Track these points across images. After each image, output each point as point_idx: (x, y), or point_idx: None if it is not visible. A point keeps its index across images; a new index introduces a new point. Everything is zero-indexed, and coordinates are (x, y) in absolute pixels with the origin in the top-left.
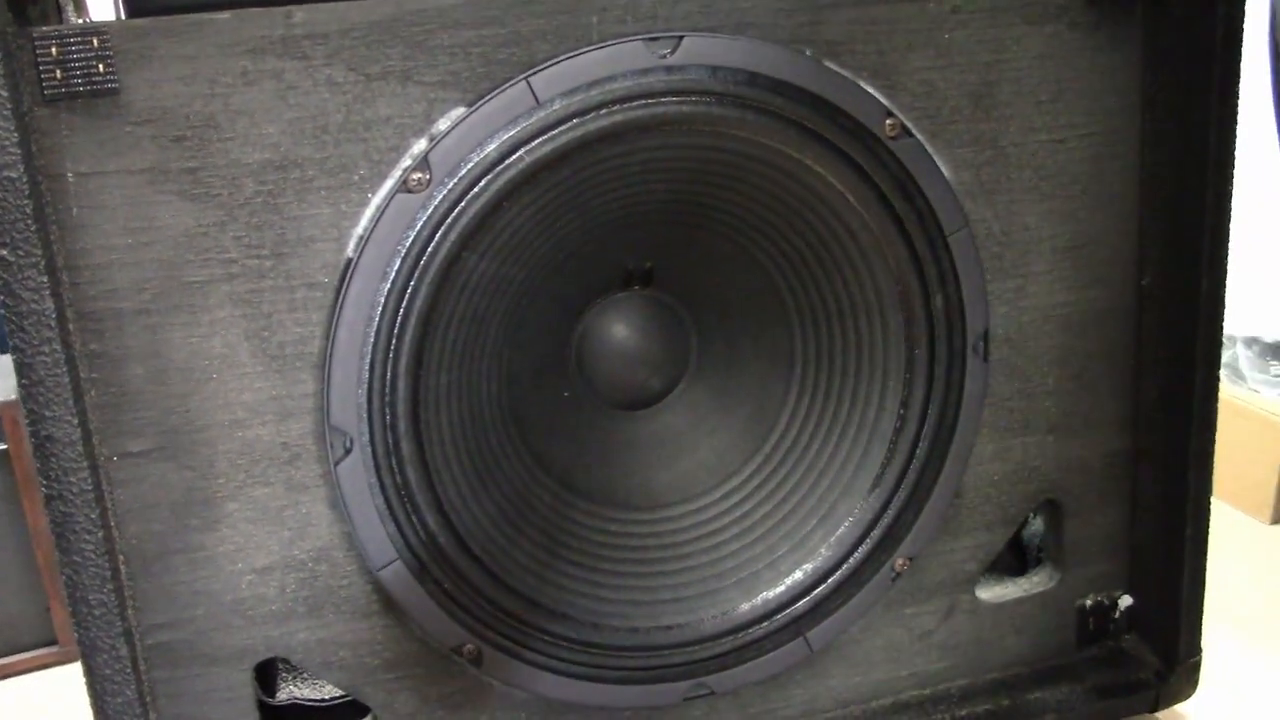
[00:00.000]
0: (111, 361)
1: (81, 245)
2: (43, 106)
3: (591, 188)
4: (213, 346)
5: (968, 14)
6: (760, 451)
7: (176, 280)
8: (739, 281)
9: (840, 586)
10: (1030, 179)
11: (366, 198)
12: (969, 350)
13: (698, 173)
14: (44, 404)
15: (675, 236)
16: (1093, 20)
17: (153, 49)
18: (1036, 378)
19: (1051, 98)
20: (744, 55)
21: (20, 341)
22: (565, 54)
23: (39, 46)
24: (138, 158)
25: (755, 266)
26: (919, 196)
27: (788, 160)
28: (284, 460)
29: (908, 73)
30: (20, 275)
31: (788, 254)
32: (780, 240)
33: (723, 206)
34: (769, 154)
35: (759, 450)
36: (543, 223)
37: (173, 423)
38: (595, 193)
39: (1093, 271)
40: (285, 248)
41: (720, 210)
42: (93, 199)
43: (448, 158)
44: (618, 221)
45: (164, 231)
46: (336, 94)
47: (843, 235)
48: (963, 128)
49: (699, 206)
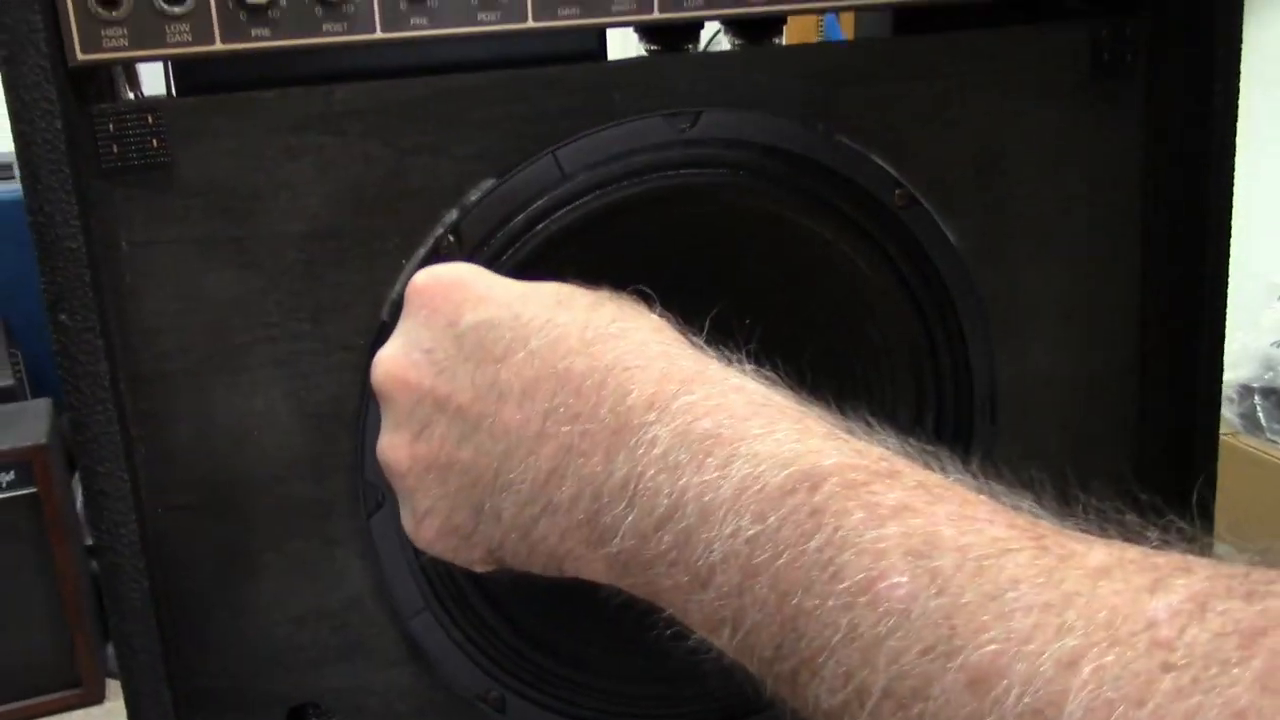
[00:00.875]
0: (159, 420)
1: (134, 310)
2: (99, 179)
3: (614, 253)
4: (254, 406)
5: (973, 90)
6: None
7: (221, 343)
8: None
9: None
10: (1035, 245)
11: (400, 264)
12: (976, 412)
13: (716, 239)
14: (97, 459)
15: (694, 299)
16: (1094, 94)
17: (203, 125)
18: (1041, 438)
19: (1054, 167)
20: (759, 129)
21: (76, 401)
22: (589, 129)
23: (97, 123)
24: (188, 228)
25: (771, 328)
26: (927, 263)
27: (801, 228)
28: (320, 514)
29: (916, 145)
30: (78, 339)
31: (802, 316)
32: (795, 303)
33: (740, 271)
34: (783, 222)
35: None
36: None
37: (216, 478)
38: (618, 258)
39: (1096, 334)
40: (323, 312)
41: (737, 274)
42: (145, 267)
43: (477, 227)
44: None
45: (211, 297)
46: (373, 167)
47: (854, 300)
48: (969, 197)
49: (717, 271)
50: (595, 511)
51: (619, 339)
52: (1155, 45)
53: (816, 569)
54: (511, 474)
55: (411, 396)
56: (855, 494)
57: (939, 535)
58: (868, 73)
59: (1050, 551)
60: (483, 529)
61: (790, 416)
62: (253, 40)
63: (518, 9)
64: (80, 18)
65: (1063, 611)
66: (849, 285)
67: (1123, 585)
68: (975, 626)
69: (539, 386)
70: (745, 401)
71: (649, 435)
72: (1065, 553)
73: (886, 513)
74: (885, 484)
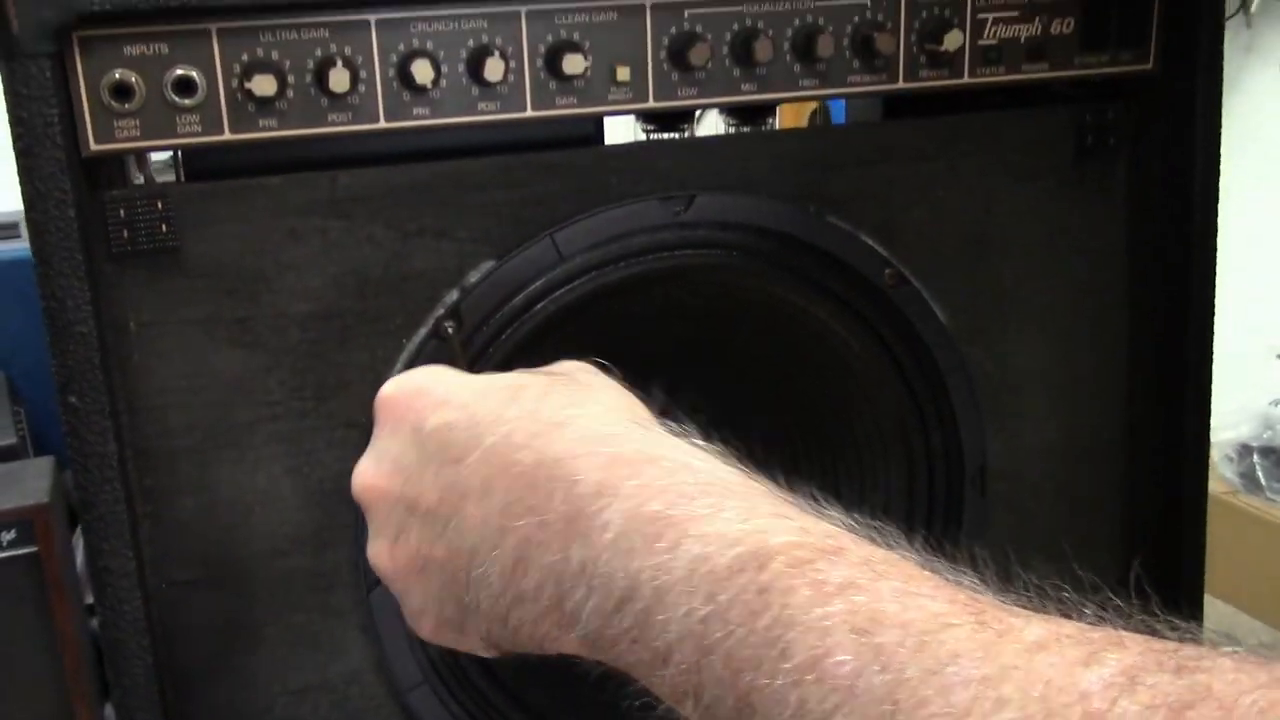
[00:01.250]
0: (164, 496)
1: (141, 389)
2: (109, 263)
3: (611, 331)
4: (257, 482)
5: (962, 172)
6: None
7: (226, 421)
8: (750, 416)
9: None
10: (1022, 322)
11: (402, 344)
12: (967, 485)
13: (710, 317)
14: (103, 537)
15: (689, 375)
16: (1079, 175)
17: (210, 210)
18: (1032, 510)
19: (1041, 247)
20: (752, 212)
21: (84, 480)
22: (586, 212)
23: (109, 209)
24: (194, 309)
25: (765, 403)
26: (917, 341)
27: (794, 307)
28: (321, 588)
29: (906, 226)
30: (87, 421)
31: (795, 392)
32: (788, 379)
33: (734, 348)
34: (776, 301)
35: None
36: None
37: (219, 553)
38: (614, 336)
39: (1084, 408)
40: (326, 390)
41: (732, 351)
42: (152, 346)
43: (477, 307)
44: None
45: (216, 376)
46: (376, 250)
47: (846, 376)
48: (958, 276)
49: (712, 348)
50: (559, 597)
51: (565, 428)
52: (1138, 128)
53: (765, 646)
54: (481, 568)
55: (386, 504)
56: (801, 572)
57: (882, 611)
58: (859, 156)
59: (989, 626)
60: (470, 620)
61: (737, 494)
62: (260, 130)
63: (517, 99)
64: (94, 110)
65: (999, 685)
66: (840, 362)
67: (1058, 659)
68: (916, 701)
69: (495, 483)
70: (693, 481)
71: (600, 521)
72: (1004, 627)
73: (832, 590)
74: (830, 561)
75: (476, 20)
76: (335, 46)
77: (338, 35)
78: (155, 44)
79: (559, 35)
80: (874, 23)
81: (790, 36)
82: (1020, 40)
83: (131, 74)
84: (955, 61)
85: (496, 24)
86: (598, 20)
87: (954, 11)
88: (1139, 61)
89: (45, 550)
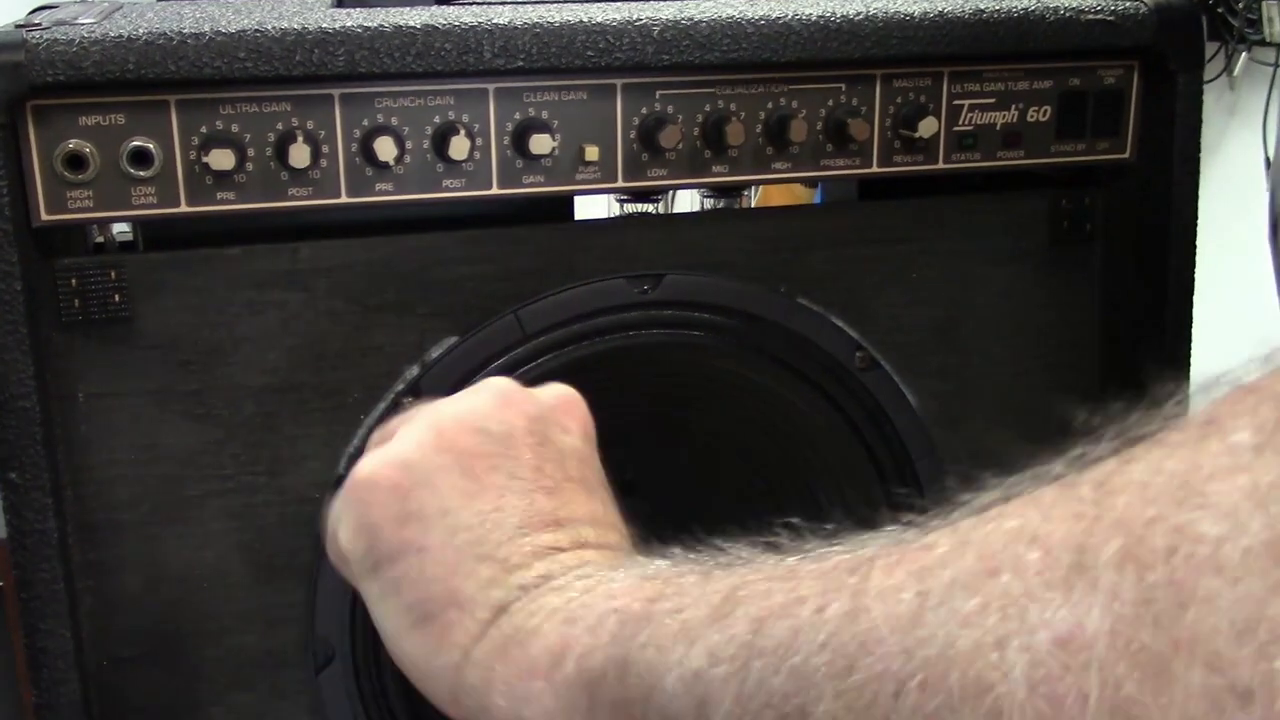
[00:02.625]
0: (108, 570)
1: (87, 461)
2: (59, 332)
3: None
4: (205, 557)
5: (934, 255)
6: None
7: (175, 494)
8: (716, 496)
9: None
10: (994, 407)
11: (359, 419)
12: None
13: (676, 395)
14: (40, 617)
15: (655, 452)
16: (1053, 261)
17: (165, 281)
18: None
19: (1013, 332)
20: (720, 292)
21: (21, 559)
22: (551, 290)
23: (59, 278)
24: (146, 380)
25: (731, 482)
26: (887, 424)
27: (762, 388)
28: (268, 667)
29: (877, 308)
30: (26, 498)
31: (761, 472)
32: (755, 459)
33: (700, 426)
34: (744, 382)
35: None
36: None
37: (163, 629)
38: None
39: None
40: (280, 465)
41: (698, 429)
42: (101, 418)
43: (438, 383)
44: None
45: (167, 448)
46: (336, 323)
47: (814, 458)
48: (929, 360)
49: (678, 425)
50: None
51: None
52: (1114, 215)
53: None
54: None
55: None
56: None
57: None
58: (831, 237)
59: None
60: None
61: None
62: (218, 203)
63: (483, 176)
64: (46, 180)
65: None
66: (809, 444)
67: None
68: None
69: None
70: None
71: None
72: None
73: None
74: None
75: (443, 97)
76: (297, 120)
77: (300, 109)
78: (111, 114)
79: (527, 114)
80: (849, 108)
81: (763, 120)
82: (996, 127)
83: (86, 145)
84: (930, 147)
85: (463, 101)
86: (567, 99)
87: (929, 98)
88: (1116, 150)
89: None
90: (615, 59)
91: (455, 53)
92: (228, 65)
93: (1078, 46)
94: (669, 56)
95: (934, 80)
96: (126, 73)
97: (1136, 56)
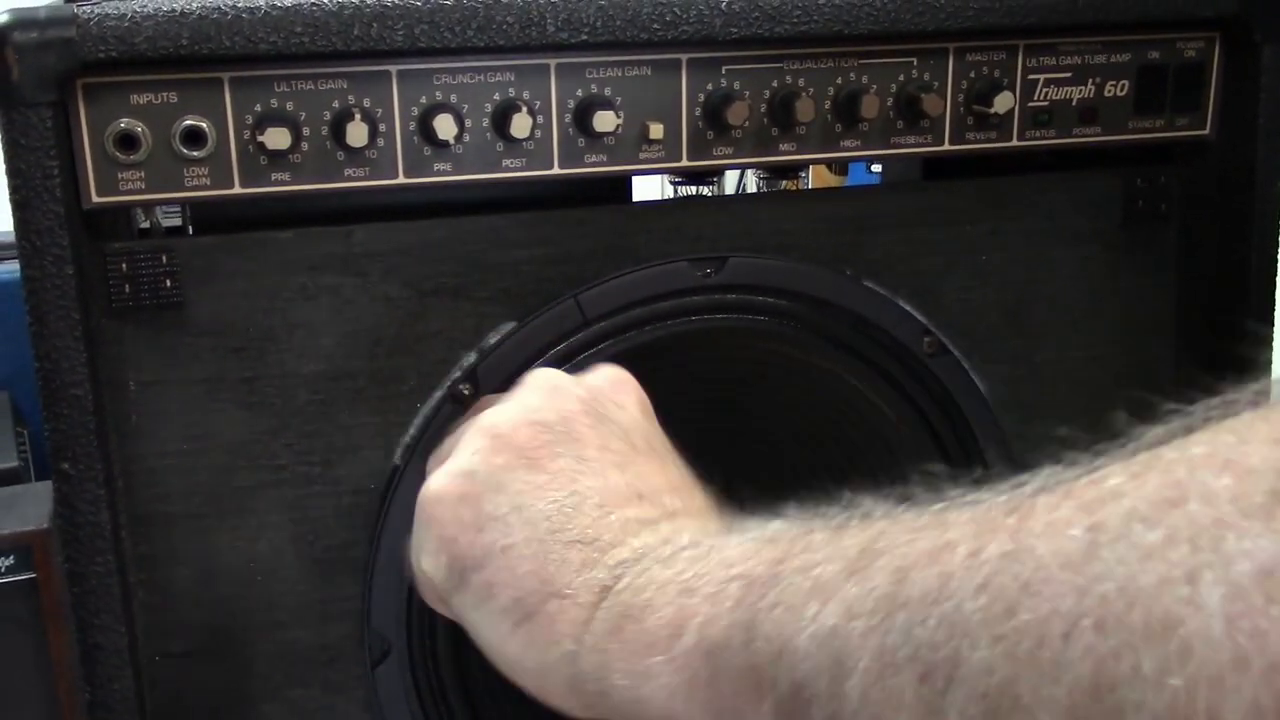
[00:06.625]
0: (160, 564)
1: (138, 451)
2: (109, 319)
3: None
4: (259, 549)
5: (1003, 236)
6: None
7: (228, 485)
8: (777, 485)
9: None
10: (1065, 394)
11: (415, 407)
12: None
13: (739, 382)
14: (94, 612)
15: (715, 441)
16: (1126, 242)
17: (217, 265)
18: None
19: (1086, 316)
20: (786, 275)
21: (74, 552)
22: (613, 273)
23: (110, 263)
24: (197, 368)
25: (793, 470)
26: (955, 411)
27: (827, 374)
28: (323, 662)
29: (945, 292)
30: (80, 488)
31: (826, 461)
32: (819, 447)
33: (762, 413)
34: (809, 367)
35: None
36: None
37: (216, 623)
38: None
39: None
40: (334, 455)
41: (760, 417)
42: (152, 407)
43: (495, 370)
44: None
45: (219, 438)
46: (391, 309)
47: (880, 446)
48: (999, 345)
49: (739, 413)
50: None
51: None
52: (1192, 195)
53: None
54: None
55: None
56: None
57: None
58: (897, 218)
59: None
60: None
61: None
62: (272, 184)
63: (544, 156)
64: (97, 161)
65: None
66: (875, 432)
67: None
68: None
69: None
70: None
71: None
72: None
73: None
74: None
75: (503, 73)
76: (353, 98)
77: (356, 86)
78: (164, 93)
79: (589, 90)
80: (921, 83)
81: (832, 96)
82: (1073, 103)
83: (138, 124)
84: (1004, 124)
85: (524, 77)
86: (630, 75)
87: (1004, 73)
88: (1195, 127)
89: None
90: (682, 32)
91: (518, 26)
92: (284, 40)
93: (1157, 17)
94: (737, 29)
95: (1009, 54)
96: (180, 48)
97: (1219, 28)
